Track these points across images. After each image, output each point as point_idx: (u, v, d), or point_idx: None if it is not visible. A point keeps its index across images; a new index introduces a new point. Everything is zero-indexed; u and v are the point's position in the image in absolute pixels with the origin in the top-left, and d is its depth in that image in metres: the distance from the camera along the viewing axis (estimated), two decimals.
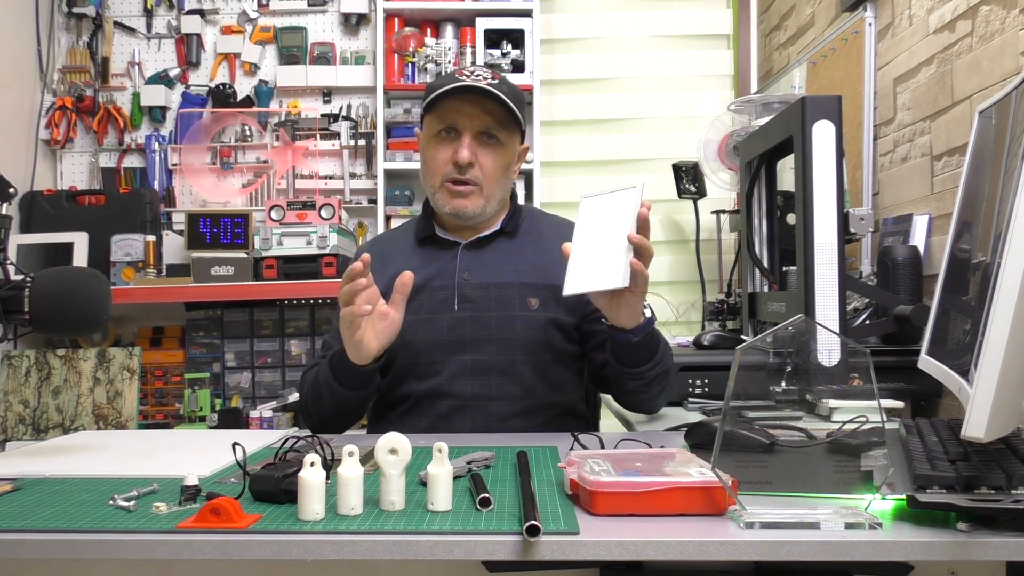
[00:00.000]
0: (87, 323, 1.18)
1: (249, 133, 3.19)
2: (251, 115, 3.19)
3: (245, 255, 2.75)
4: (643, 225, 1.26)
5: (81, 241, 2.87)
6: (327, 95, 3.22)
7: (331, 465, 0.97)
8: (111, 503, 0.93)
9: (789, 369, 0.97)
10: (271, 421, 2.66)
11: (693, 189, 2.91)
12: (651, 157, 3.24)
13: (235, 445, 1.00)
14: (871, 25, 2.19)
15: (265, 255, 2.70)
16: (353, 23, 3.22)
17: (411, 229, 1.69)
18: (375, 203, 3.09)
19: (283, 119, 3.18)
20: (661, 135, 3.27)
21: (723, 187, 2.76)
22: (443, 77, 1.58)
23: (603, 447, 1.17)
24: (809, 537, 0.80)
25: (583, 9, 3.32)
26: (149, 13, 3.19)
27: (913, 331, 1.66)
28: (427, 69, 3.09)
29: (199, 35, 3.20)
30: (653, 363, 1.44)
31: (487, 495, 0.90)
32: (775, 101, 2.40)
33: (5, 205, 1.21)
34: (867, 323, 1.84)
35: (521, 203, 1.72)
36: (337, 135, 3.18)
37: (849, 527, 0.81)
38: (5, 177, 1.22)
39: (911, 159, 1.99)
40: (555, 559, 0.80)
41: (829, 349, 1.00)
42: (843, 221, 1.53)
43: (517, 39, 3.09)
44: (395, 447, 0.91)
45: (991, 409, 0.79)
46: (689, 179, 2.90)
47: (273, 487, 0.94)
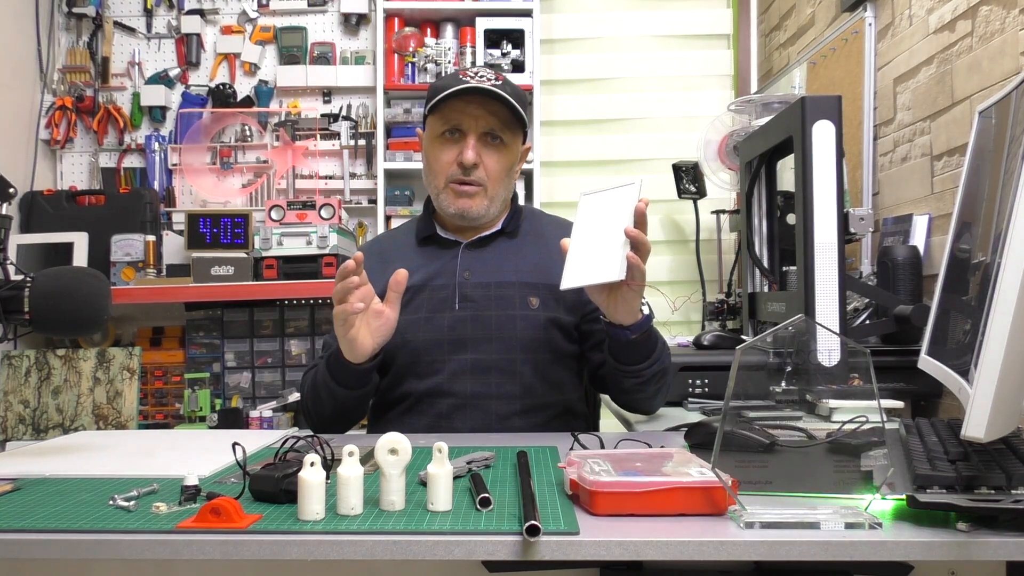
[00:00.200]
0: (87, 323, 1.18)
1: (249, 133, 3.19)
2: (251, 115, 3.19)
3: (245, 255, 2.75)
4: (640, 220, 1.26)
5: (81, 241, 2.87)
6: (327, 95, 3.22)
7: (331, 465, 0.97)
8: (111, 503, 0.93)
9: (789, 369, 0.97)
10: (271, 421, 2.66)
11: (693, 189, 2.91)
12: (651, 157, 3.24)
13: (235, 445, 1.00)
14: (871, 25, 2.19)
15: (265, 255, 2.70)
16: (353, 23, 3.22)
17: (411, 229, 1.69)
18: (375, 203, 3.09)
19: (283, 119, 3.18)
20: (661, 135, 3.27)
21: (723, 187, 2.76)
22: (446, 78, 1.58)
23: (603, 447, 1.17)
24: (809, 537, 0.80)
25: (583, 9, 3.32)
26: (149, 13, 3.19)
27: (913, 331, 1.66)
28: (427, 69, 3.09)
29: (199, 35, 3.20)
30: (650, 361, 1.44)
31: (487, 495, 0.90)
32: (775, 101, 2.40)
33: (5, 205, 1.21)
34: (867, 323, 1.84)
35: (521, 203, 1.73)
36: (337, 135, 3.18)
37: (849, 527, 0.81)
38: (5, 177, 1.22)
39: (911, 159, 1.99)
40: (555, 559, 0.80)
41: (829, 349, 1.00)
42: (843, 221, 1.53)
43: (517, 39, 3.09)
44: (395, 447, 0.91)
45: (991, 409, 0.79)
46: (689, 179, 2.90)
47: (273, 487, 0.94)
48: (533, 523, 0.78)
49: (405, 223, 1.77)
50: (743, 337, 2.02)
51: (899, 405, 1.56)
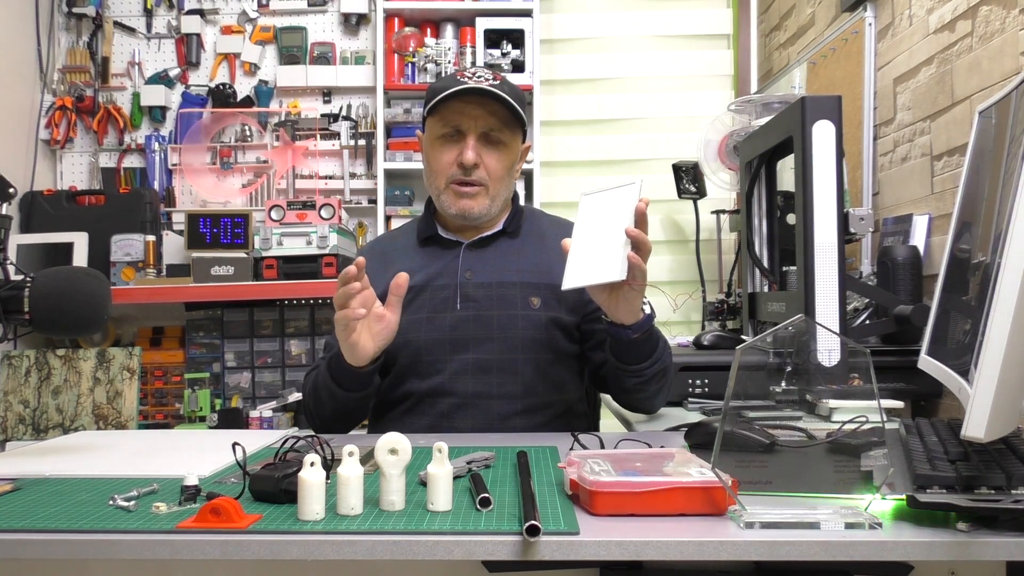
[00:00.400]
0: (87, 323, 1.18)
1: (249, 133, 3.19)
2: (251, 115, 3.19)
3: (245, 255, 2.75)
4: (641, 220, 1.26)
5: (81, 241, 2.87)
6: (327, 95, 3.22)
7: (331, 465, 0.97)
8: (111, 503, 0.93)
9: (789, 369, 0.97)
10: (271, 421, 2.66)
11: (693, 189, 2.91)
12: (651, 157, 3.24)
13: (235, 445, 1.00)
14: (871, 25, 2.19)
15: (265, 255, 2.70)
16: (353, 23, 3.22)
17: (412, 229, 1.69)
18: (375, 203, 3.09)
19: (283, 119, 3.18)
20: (661, 135, 3.27)
21: (723, 187, 2.76)
22: (445, 79, 1.58)
23: (603, 447, 1.17)
24: (809, 537, 0.80)
25: (583, 9, 3.32)
26: (149, 13, 3.19)
27: (913, 331, 1.66)
28: (427, 69, 3.09)
29: (199, 35, 3.20)
30: (652, 360, 1.44)
31: (487, 495, 0.90)
32: (775, 101, 2.40)
33: (5, 205, 1.21)
34: (867, 323, 1.84)
35: (522, 203, 1.73)
36: (337, 135, 3.18)
37: (849, 527, 0.81)
38: (5, 177, 1.22)
39: (911, 159, 1.99)
40: (555, 559, 0.80)
41: (829, 349, 1.00)
42: (843, 221, 1.53)
43: (517, 39, 3.09)
44: (395, 447, 0.91)
45: (991, 409, 0.79)
46: (689, 179, 2.90)
47: (273, 487, 0.94)
48: (533, 523, 0.78)
49: (406, 223, 1.77)
50: (743, 337, 2.02)
51: (899, 405, 1.56)
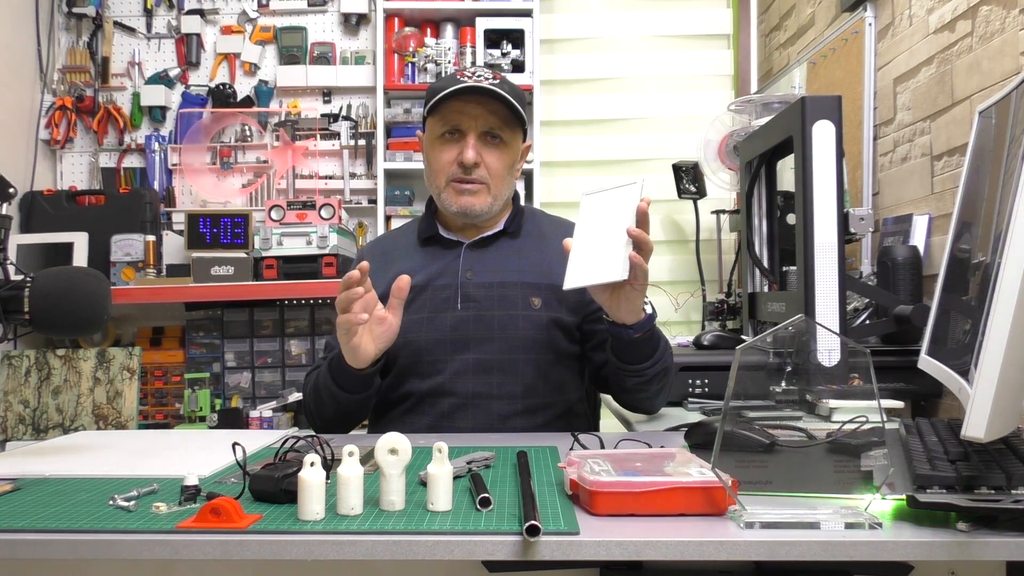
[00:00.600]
0: (87, 323, 1.18)
1: (249, 133, 3.19)
2: (251, 115, 3.19)
3: (245, 255, 2.75)
4: (642, 219, 1.26)
5: (81, 241, 2.87)
6: (327, 95, 3.22)
7: (331, 465, 0.97)
8: (111, 503, 0.93)
9: (789, 369, 0.97)
10: (271, 421, 2.66)
11: (693, 189, 2.91)
12: (651, 157, 3.24)
13: (235, 445, 1.00)
14: (871, 25, 2.19)
15: (265, 255, 2.70)
16: (353, 23, 3.22)
17: (413, 229, 1.69)
18: (375, 203, 3.09)
19: (283, 119, 3.18)
20: (661, 135, 3.27)
21: (723, 187, 2.76)
22: (444, 79, 1.58)
23: (603, 447, 1.17)
24: (809, 537, 0.80)
25: (583, 9, 3.32)
26: (149, 13, 3.19)
27: (913, 331, 1.66)
28: (427, 69, 3.09)
29: (199, 35, 3.20)
30: (653, 360, 1.44)
31: (487, 495, 0.90)
32: (775, 101, 2.40)
33: (5, 205, 1.21)
34: (867, 323, 1.84)
35: (523, 204, 1.73)
36: (337, 135, 3.18)
37: (849, 527, 0.81)
38: (5, 177, 1.22)
39: (911, 159, 1.99)
40: (555, 559, 0.80)
41: (829, 349, 1.00)
42: (843, 221, 1.53)
43: (517, 39, 3.09)
44: (395, 447, 0.91)
45: (991, 409, 0.79)
46: (689, 179, 2.90)
47: (273, 487, 0.94)
48: (533, 523, 0.78)
49: (407, 223, 1.77)
50: (743, 337, 2.02)
51: (899, 405, 1.56)
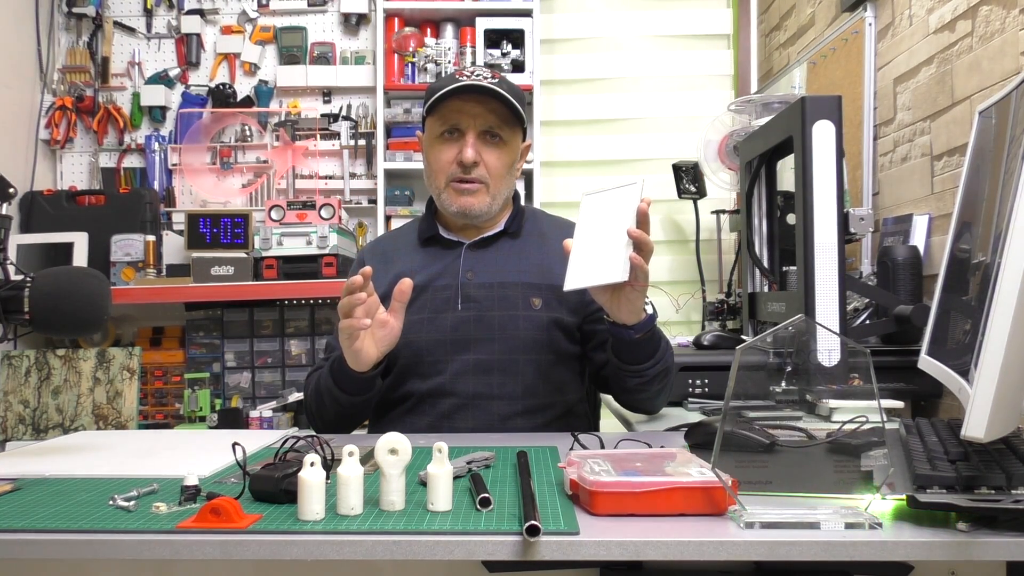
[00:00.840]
0: (87, 323, 1.18)
1: (249, 133, 3.19)
2: (251, 115, 3.19)
3: (245, 255, 2.75)
4: (643, 220, 1.26)
5: (81, 241, 2.87)
6: (327, 95, 3.22)
7: (331, 465, 0.98)
8: (111, 503, 0.93)
9: (789, 369, 0.97)
10: (271, 421, 2.66)
11: (693, 189, 2.91)
12: (651, 157, 3.24)
13: (235, 445, 1.00)
14: (871, 25, 2.19)
15: (265, 255, 2.70)
16: (353, 23, 3.22)
17: (413, 229, 1.69)
18: (375, 203, 3.09)
19: (283, 119, 3.18)
20: (661, 135, 3.27)
21: (723, 187, 2.76)
22: (443, 78, 1.58)
23: (603, 447, 1.17)
24: (809, 537, 0.80)
25: (583, 9, 3.32)
26: (149, 13, 3.19)
27: (913, 331, 1.66)
28: (427, 69, 3.09)
29: (199, 35, 3.20)
30: (654, 361, 1.44)
31: (487, 495, 0.90)
32: (775, 101, 2.40)
33: (5, 205, 1.21)
34: (867, 323, 1.84)
35: (523, 204, 1.72)
36: (337, 135, 3.18)
37: (849, 527, 0.81)
38: (5, 177, 1.22)
39: (911, 159, 1.99)
40: (555, 559, 0.80)
41: (829, 349, 1.00)
42: (843, 221, 1.53)
43: (517, 39, 3.09)
44: (395, 447, 0.91)
45: (991, 409, 0.79)
46: (689, 179, 2.90)
47: (273, 487, 0.94)
48: (533, 523, 0.78)
49: (407, 223, 1.77)
50: (743, 337, 2.01)
51: (899, 405, 1.56)
